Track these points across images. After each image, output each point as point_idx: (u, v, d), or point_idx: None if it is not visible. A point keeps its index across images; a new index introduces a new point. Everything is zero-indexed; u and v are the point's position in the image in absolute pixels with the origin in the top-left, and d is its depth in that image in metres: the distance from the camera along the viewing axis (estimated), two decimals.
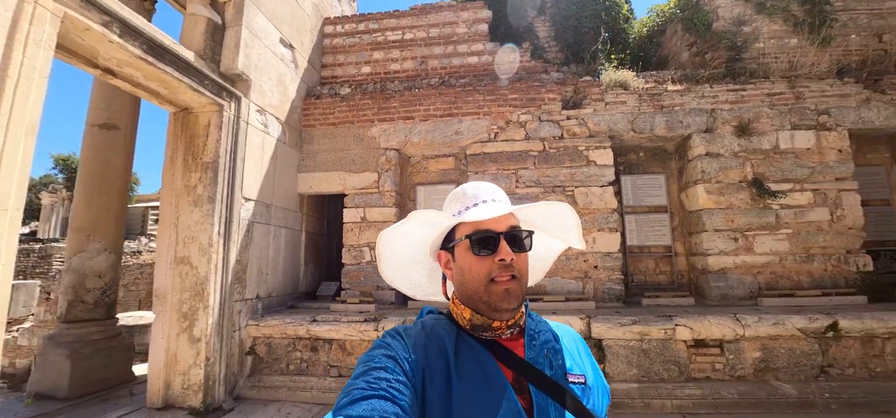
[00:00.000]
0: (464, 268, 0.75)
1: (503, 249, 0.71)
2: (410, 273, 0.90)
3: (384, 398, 0.58)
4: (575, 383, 0.72)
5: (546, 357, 0.73)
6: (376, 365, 0.64)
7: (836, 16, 5.72)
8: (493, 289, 0.71)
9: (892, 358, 3.72)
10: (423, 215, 0.78)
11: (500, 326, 0.73)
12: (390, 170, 5.57)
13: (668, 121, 5.05)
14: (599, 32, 6.92)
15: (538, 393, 0.68)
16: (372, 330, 4.34)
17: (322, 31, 6.55)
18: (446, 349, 0.70)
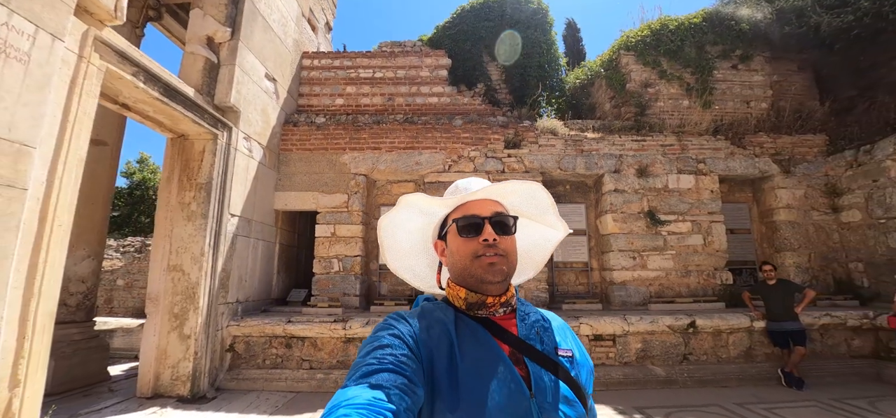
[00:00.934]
0: (453, 249, 0.82)
1: (487, 230, 0.79)
2: (414, 264, 0.98)
3: (392, 370, 0.61)
4: (564, 357, 0.77)
5: (537, 334, 0.79)
6: (382, 343, 0.67)
7: (717, 84, 7.35)
8: (478, 262, 0.78)
9: (733, 348, 5.06)
10: (413, 198, 0.87)
11: (493, 303, 0.79)
12: (359, 192, 6.43)
13: (586, 163, 6.32)
14: (541, 82, 8.25)
15: (533, 364, 0.73)
16: (340, 329, 5.14)
17: (300, 64, 7.35)
18: (447, 326, 0.75)
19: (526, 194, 0.91)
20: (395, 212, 0.92)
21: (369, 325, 5.17)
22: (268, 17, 6.13)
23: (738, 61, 7.58)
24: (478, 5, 8.94)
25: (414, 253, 0.97)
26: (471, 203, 0.84)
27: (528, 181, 0.89)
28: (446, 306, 0.82)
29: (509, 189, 0.87)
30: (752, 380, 4.90)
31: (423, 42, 9.11)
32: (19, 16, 2.66)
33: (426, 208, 0.90)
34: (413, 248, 0.96)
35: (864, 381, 4.92)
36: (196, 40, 5.14)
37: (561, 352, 0.78)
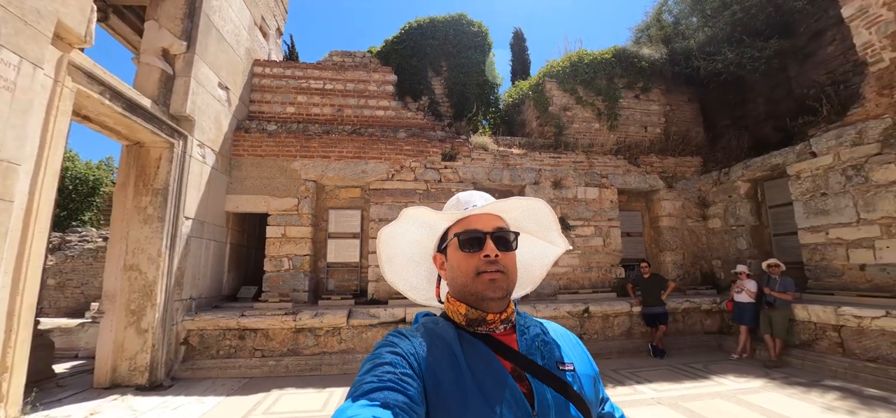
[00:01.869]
0: (454, 264, 0.82)
1: (488, 246, 0.79)
2: (411, 276, 0.98)
3: (392, 389, 0.61)
4: (565, 370, 0.77)
5: (538, 349, 0.79)
6: (383, 361, 0.67)
7: (622, 111, 8.78)
8: (480, 279, 0.77)
9: (617, 328, 6.37)
10: (415, 212, 0.88)
11: (494, 320, 0.79)
12: (308, 197, 7.00)
13: (512, 175, 7.40)
14: (480, 98, 9.27)
15: (535, 381, 0.73)
16: (291, 321, 5.76)
17: (252, 71, 7.71)
18: (450, 345, 0.75)
19: (528, 210, 0.92)
20: (397, 225, 0.92)
21: (318, 317, 5.83)
22: (222, 28, 6.50)
23: (640, 92, 9.08)
24: (425, 24, 9.76)
25: (411, 264, 0.97)
26: (472, 217, 0.84)
27: (531, 198, 0.89)
28: (447, 323, 0.81)
29: (512, 205, 0.87)
30: (630, 353, 6.23)
31: (373, 54, 9.78)
32: (7, 49, 3.06)
33: (428, 221, 0.90)
34: (411, 260, 0.96)
35: (709, 351, 6.44)
36: (151, 52, 5.46)
37: (562, 367, 0.78)
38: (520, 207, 0.90)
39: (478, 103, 9.31)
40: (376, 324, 6.05)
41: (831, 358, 5.16)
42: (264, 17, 8.37)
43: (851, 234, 5.57)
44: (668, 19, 10.45)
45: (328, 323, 5.85)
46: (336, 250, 7.31)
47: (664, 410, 4.04)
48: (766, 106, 9.27)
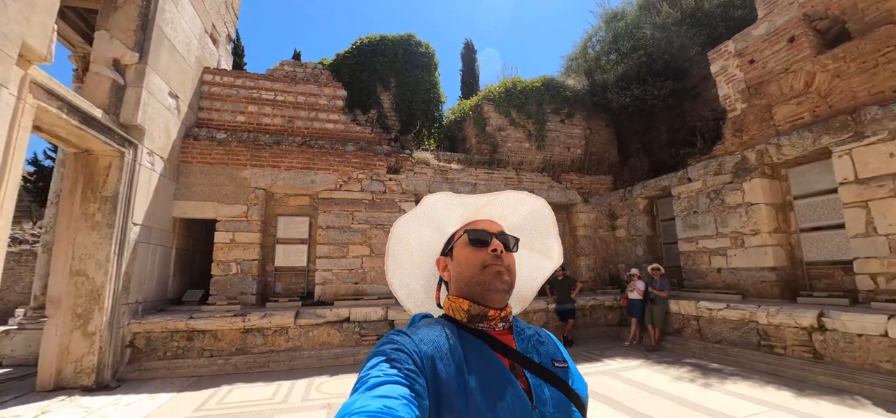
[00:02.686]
0: (462, 260, 0.86)
1: (494, 242, 0.85)
2: (411, 280, 1.01)
3: (398, 383, 0.62)
4: (560, 368, 0.82)
5: (534, 347, 0.84)
6: (387, 356, 0.68)
7: (549, 133, 10.00)
8: (487, 271, 0.82)
9: (536, 322, 7.43)
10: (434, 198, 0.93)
11: (494, 317, 0.83)
12: (258, 204, 7.36)
13: (450, 188, 8.25)
14: (426, 114, 10.05)
15: (532, 376, 0.77)
16: (240, 322, 6.14)
17: (202, 79, 7.88)
18: (451, 340, 0.77)
19: (529, 216, 0.97)
20: (413, 219, 0.96)
21: (266, 318, 6.27)
22: (174, 39, 6.71)
23: (565, 117, 10.38)
24: (375, 41, 10.35)
25: (413, 268, 1.00)
26: (477, 221, 0.91)
27: (535, 197, 0.94)
28: (445, 321, 0.84)
29: (518, 200, 0.93)
30: None
31: (324, 66, 10.22)
32: None
33: (440, 217, 0.94)
34: (414, 263, 1.00)
35: (609, 340, 7.71)
36: (102, 61, 5.62)
37: (557, 364, 0.82)
38: (521, 213, 0.96)
39: (423, 119, 10.09)
40: (322, 323, 6.59)
41: (692, 341, 6.56)
42: (215, 24, 8.54)
43: (712, 245, 7.06)
44: (593, 52, 11.90)
45: (276, 324, 6.31)
46: (284, 255, 7.71)
47: None
48: (668, 134, 10.98)
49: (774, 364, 5.24)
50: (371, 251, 7.68)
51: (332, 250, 7.51)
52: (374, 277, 7.48)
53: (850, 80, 5.46)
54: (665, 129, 11.03)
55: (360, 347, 6.64)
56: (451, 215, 0.93)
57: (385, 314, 6.81)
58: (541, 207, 0.97)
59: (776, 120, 6.37)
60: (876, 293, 4.90)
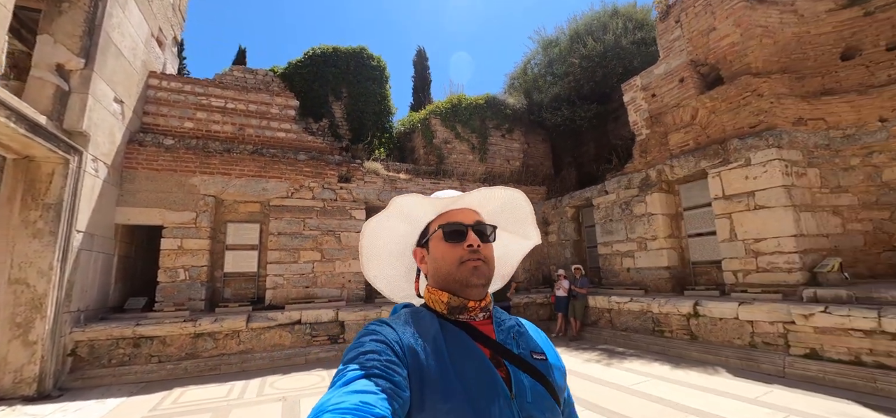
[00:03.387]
0: (438, 255, 0.86)
1: (470, 237, 0.84)
2: (389, 271, 1.01)
3: (378, 376, 0.62)
4: (538, 360, 0.83)
5: (513, 338, 0.84)
6: (367, 349, 0.68)
7: (491, 146, 10.92)
8: (464, 267, 0.82)
9: None
10: (404, 200, 0.89)
11: (474, 308, 0.84)
12: (207, 211, 7.46)
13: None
14: (377, 125, 10.55)
15: (512, 366, 0.78)
16: (190, 327, 6.29)
17: (147, 83, 7.80)
18: (432, 330, 0.78)
19: (506, 204, 0.97)
20: (385, 217, 0.93)
21: (218, 322, 6.45)
22: (120, 44, 6.68)
23: (505, 132, 11.38)
24: (328, 53, 10.70)
25: (391, 259, 1.00)
26: (453, 211, 0.89)
27: (510, 189, 0.93)
28: (428, 312, 0.84)
29: (493, 195, 0.92)
30: None
31: (276, 74, 10.40)
32: None
33: (413, 213, 0.92)
34: (391, 254, 1.00)
35: None
36: (45, 66, 5.56)
37: (536, 356, 0.83)
38: (498, 199, 0.94)
39: (374, 129, 10.60)
40: (274, 326, 6.88)
41: (606, 330, 7.70)
42: (162, 28, 8.45)
43: (623, 248, 8.30)
44: (531, 73, 13.07)
45: (228, 327, 6.51)
46: (234, 261, 7.84)
47: None
48: (595, 149, 12.38)
49: (663, 345, 6.44)
50: (322, 256, 8.05)
51: (283, 256, 7.79)
52: (324, 281, 7.86)
53: (721, 116, 6.84)
54: (593, 146, 12.43)
55: (311, 347, 7.01)
56: (424, 208, 0.91)
57: (336, 316, 7.24)
58: (517, 196, 0.97)
59: (670, 145, 7.71)
60: (736, 285, 6.23)
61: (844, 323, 4.41)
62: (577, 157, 12.76)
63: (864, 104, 6.21)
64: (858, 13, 6.61)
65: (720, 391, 4.51)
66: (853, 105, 6.27)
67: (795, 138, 6.09)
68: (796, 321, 4.86)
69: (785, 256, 5.65)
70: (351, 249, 8.13)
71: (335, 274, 7.93)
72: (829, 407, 3.88)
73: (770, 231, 5.83)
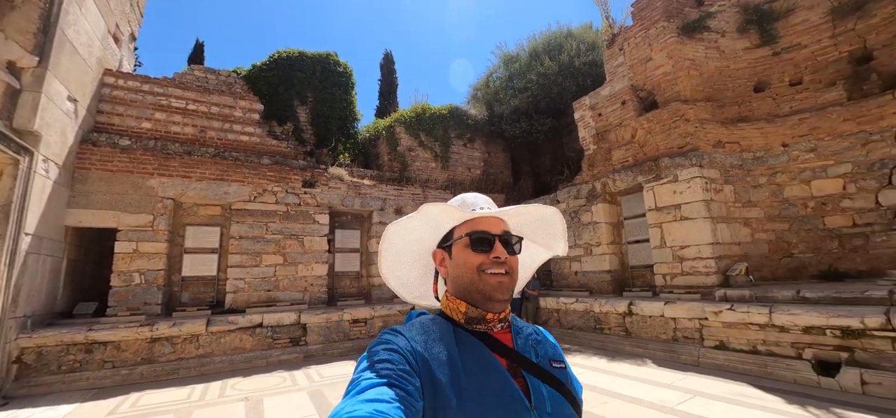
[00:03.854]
0: (460, 262, 0.84)
1: (498, 248, 0.82)
2: (404, 273, 0.99)
3: (390, 385, 0.62)
4: (557, 368, 0.82)
5: (531, 347, 0.83)
6: (380, 358, 0.68)
7: (452, 155, 11.40)
8: (487, 279, 0.80)
9: None
10: (431, 209, 0.86)
11: (492, 319, 0.82)
12: (166, 214, 7.38)
13: (362, 202, 9.11)
14: (342, 131, 10.72)
15: (530, 376, 0.77)
16: (147, 331, 6.24)
17: (102, 81, 7.60)
18: (447, 341, 0.77)
19: (538, 219, 0.95)
20: (409, 220, 0.91)
21: (176, 326, 6.44)
22: (76, 41, 6.52)
23: (467, 141, 11.90)
24: (294, 57, 10.77)
25: (409, 262, 0.98)
26: (480, 219, 0.86)
27: (545, 206, 0.93)
28: (443, 320, 0.83)
29: (524, 210, 0.90)
30: None
31: (239, 75, 10.34)
32: None
33: (439, 219, 0.89)
34: (410, 257, 0.97)
35: None
36: None
37: (555, 364, 0.83)
38: (530, 214, 0.93)
39: (339, 135, 10.78)
40: (235, 329, 6.94)
41: (555, 329, 8.33)
42: (119, 24, 8.24)
43: (572, 253, 9.00)
44: (493, 86, 13.69)
45: (187, 332, 6.51)
46: (192, 264, 7.77)
47: None
48: (551, 160, 13.18)
49: (603, 341, 7.13)
50: (285, 260, 8.14)
51: (245, 259, 7.82)
52: (287, 285, 7.97)
53: (655, 137, 7.68)
54: (549, 157, 13.23)
55: (273, 350, 7.12)
56: (451, 214, 0.89)
57: (298, 318, 7.39)
58: (551, 214, 0.95)
59: (613, 160, 8.51)
60: (665, 287, 7.03)
61: (744, 319, 5.22)
62: (535, 167, 13.52)
63: (770, 131, 7.22)
64: (768, 53, 7.67)
65: (645, 379, 5.17)
66: (762, 131, 7.27)
67: (715, 159, 6.99)
68: (708, 317, 5.64)
69: (703, 261, 6.48)
70: (314, 253, 8.29)
71: (298, 277, 8.06)
72: (728, 388, 4.61)
73: (692, 239, 6.67)
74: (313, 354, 7.23)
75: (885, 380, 4.13)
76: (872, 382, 4.20)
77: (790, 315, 4.79)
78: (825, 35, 7.22)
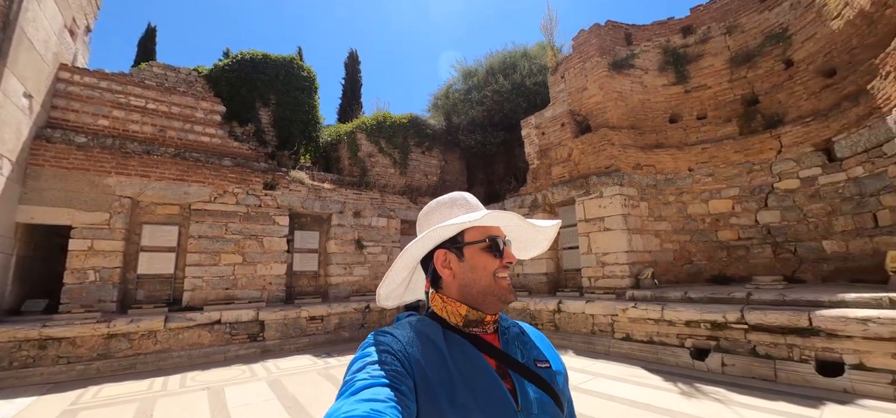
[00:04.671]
0: (478, 265, 0.85)
1: (508, 254, 0.85)
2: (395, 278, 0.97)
3: (385, 385, 0.64)
4: (542, 368, 0.84)
5: (517, 347, 0.85)
6: (373, 359, 0.70)
7: (411, 161, 12.06)
8: (501, 282, 0.84)
9: (389, 317, 9.27)
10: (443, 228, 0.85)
11: (489, 322, 0.85)
12: (123, 212, 7.50)
13: (322, 205, 9.57)
14: (304, 134, 11.07)
15: (517, 377, 0.79)
16: (104, 328, 6.42)
17: (57, 76, 7.56)
18: (437, 342, 0.79)
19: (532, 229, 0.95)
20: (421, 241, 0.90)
21: (134, 323, 6.65)
22: (34, 38, 6.56)
23: (426, 149, 12.61)
24: (258, 59, 10.99)
25: (402, 271, 0.96)
26: (491, 227, 0.89)
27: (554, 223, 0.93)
28: (432, 322, 0.84)
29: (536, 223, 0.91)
30: None
31: (200, 73, 10.43)
32: None
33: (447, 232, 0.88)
34: (404, 266, 0.95)
35: None
36: None
37: (540, 364, 0.84)
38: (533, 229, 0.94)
39: (301, 138, 11.12)
40: (194, 326, 7.22)
41: None
42: (76, 17, 8.18)
43: None
44: (452, 97, 14.49)
45: (145, 328, 6.73)
46: (149, 263, 7.91)
47: None
48: (504, 170, 14.17)
49: None
50: (244, 259, 8.45)
51: (203, 258, 8.06)
52: (245, 284, 8.30)
53: (587, 157, 8.77)
54: (502, 167, 14.23)
55: (231, 345, 7.46)
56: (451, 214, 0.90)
57: (256, 315, 7.77)
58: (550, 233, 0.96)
59: (553, 175, 9.55)
60: (589, 288, 8.10)
61: (644, 315, 6.31)
62: (489, 176, 14.48)
63: (680, 157, 8.52)
64: (681, 90, 9.00)
65: None
66: (673, 157, 8.56)
67: (633, 179, 8.16)
68: (618, 314, 6.72)
69: (620, 266, 7.60)
70: (273, 253, 8.67)
71: (256, 276, 8.41)
72: (625, 371, 5.65)
73: (612, 247, 7.78)
74: (271, 349, 7.65)
75: (737, 362, 5.31)
76: (729, 364, 5.37)
77: (676, 312, 5.92)
78: (725, 79, 8.63)
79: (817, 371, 4.74)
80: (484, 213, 0.86)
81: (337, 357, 7.20)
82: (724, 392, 4.68)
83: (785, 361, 4.99)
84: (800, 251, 7.07)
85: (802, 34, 7.52)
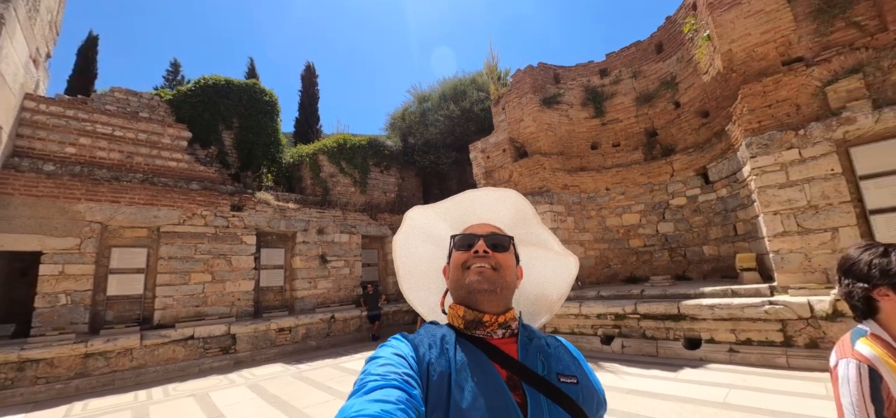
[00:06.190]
0: (452, 264, 0.89)
1: (479, 244, 0.86)
2: (426, 296, 1.04)
3: (396, 387, 0.65)
4: (567, 383, 0.78)
5: (539, 359, 0.81)
6: (386, 361, 0.71)
7: (371, 180, 13.03)
8: (468, 272, 0.84)
9: (352, 326, 10.15)
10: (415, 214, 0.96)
11: (490, 322, 0.82)
12: (93, 237, 7.86)
13: (287, 224, 10.30)
14: (267, 155, 11.69)
15: (531, 390, 0.75)
16: (82, 348, 6.84)
17: (23, 105, 7.80)
18: (446, 348, 0.78)
19: (512, 210, 0.97)
20: (405, 236, 0.98)
21: (110, 342, 7.09)
22: (5, 72, 6.88)
23: (384, 168, 13.63)
24: (221, 84, 11.48)
25: (425, 282, 1.02)
26: (473, 225, 0.93)
27: (509, 190, 0.96)
28: (449, 329, 0.84)
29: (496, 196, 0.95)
30: (358, 340, 10.10)
31: (163, 98, 10.80)
32: None
33: (432, 230, 0.96)
34: (425, 277, 1.02)
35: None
36: None
37: (563, 378, 0.79)
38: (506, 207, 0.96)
39: (264, 160, 11.74)
40: (168, 342, 7.73)
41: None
42: (39, 47, 8.41)
43: None
44: (408, 120, 15.59)
45: (122, 346, 7.19)
46: (118, 284, 8.27)
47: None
48: (457, 185, 15.43)
49: None
50: (213, 277, 9.00)
51: (174, 278, 8.54)
52: (215, 301, 8.86)
53: (524, 179, 10.26)
54: (455, 182, 15.52)
55: (205, 359, 8.03)
56: (441, 225, 0.95)
57: (228, 329, 8.39)
58: (517, 199, 0.97)
59: None
60: None
61: (567, 310, 7.78)
62: (443, 191, 15.71)
63: (599, 178, 10.23)
64: (599, 122, 10.78)
65: None
66: (594, 178, 10.26)
67: (562, 198, 9.73)
68: None
69: None
70: (241, 271, 9.29)
71: (225, 293, 8.99)
72: None
73: None
74: (243, 360, 8.30)
75: (632, 344, 6.86)
76: (627, 346, 6.92)
77: (590, 307, 7.43)
78: (632, 114, 10.50)
79: (684, 346, 6.37)
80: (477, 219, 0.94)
81: (307, 363, 8.02)
82: (619, 366, 6.16)
83: (664, 341, 6.60)
84: (688, 255, 8.93)
85: (686, 83, 9.49)
